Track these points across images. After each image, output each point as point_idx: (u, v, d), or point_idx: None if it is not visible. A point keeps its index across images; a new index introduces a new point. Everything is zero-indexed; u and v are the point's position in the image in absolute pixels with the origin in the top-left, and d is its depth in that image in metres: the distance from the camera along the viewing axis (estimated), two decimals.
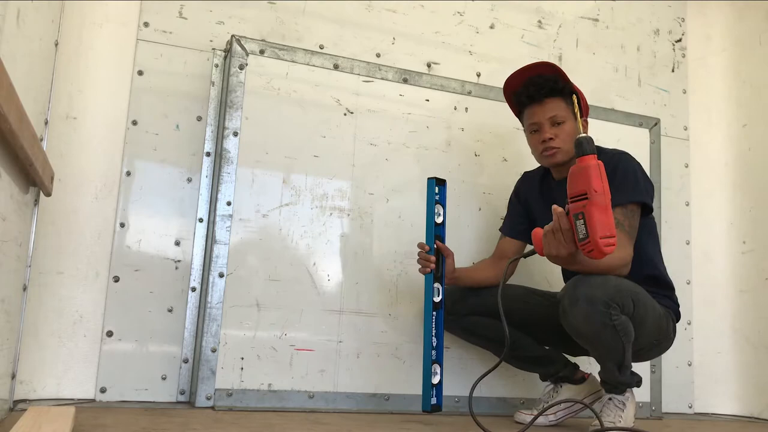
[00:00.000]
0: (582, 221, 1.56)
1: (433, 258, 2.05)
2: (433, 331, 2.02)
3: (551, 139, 2.08)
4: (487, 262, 2.29)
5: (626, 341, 1.86)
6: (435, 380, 2.01)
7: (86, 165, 2.17)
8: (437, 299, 2.05)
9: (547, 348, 2.21)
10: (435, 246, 2.06)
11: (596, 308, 1.79)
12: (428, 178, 2.09)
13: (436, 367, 2.02)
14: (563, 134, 2.08)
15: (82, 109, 2.18)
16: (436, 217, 2.08)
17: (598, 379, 2.02)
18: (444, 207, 2.10)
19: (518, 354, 2.19)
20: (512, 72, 2.17)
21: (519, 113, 2.23)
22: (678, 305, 2.13)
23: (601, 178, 1.56)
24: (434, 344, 2.02)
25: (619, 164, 2.02)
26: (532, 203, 2.26)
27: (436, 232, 2.07)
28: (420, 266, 2.08)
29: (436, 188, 2.08)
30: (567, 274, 2.18)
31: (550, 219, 2.17)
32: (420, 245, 2.08)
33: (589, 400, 2.16)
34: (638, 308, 1.88)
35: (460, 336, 2.26)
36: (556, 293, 2.14)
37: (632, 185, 1.99)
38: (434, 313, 2.03)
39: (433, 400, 2.00)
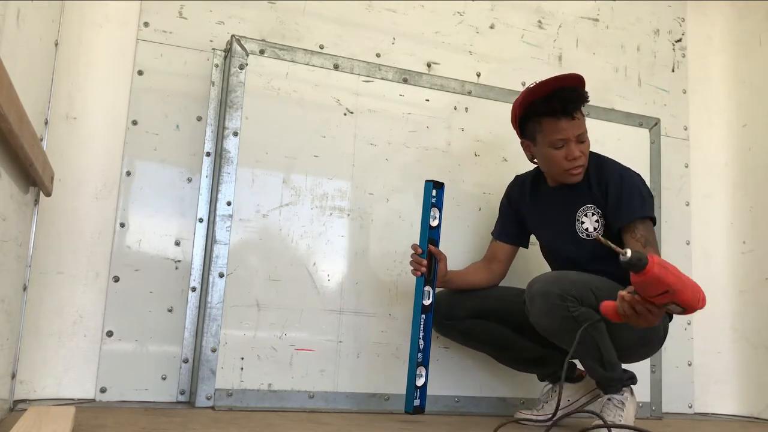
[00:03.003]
0: (676, 305, 1.53)
1: (425, 261, 2.05)
2: (421, 334, 2.02)
3: (580, 157, 2.01)
4: (478, 265, 2.29)
5: (596, 334, 1.86)
6: (419, 382, 2.02)
7: (86, 165, 2.17)
8: (427, 302, 2.05)
9: (544, 348, 2.20)
10: (428, 249, 2.06)
11: (551, 301, 1.83)
12: (426, 181, 2.08)
13: (422, 370, 2.02)
14: (587, 151, 2.04)
15: (82, 109, 2.18)
16: (431, 220, 2.07)
17: None
18: (440, 210, 2.09)
19: (516, 356, 2.20)
20: (542, 80, 2.02)
21: (525, 122, 2.08)
22: None
23: (668, 269, 1.51)
24: (420, 347, 2.02)
25: (624, 183, 2.03)
26: (524, 208, 2.25)
27: (430, 235, 2.07)
28: (412, 268, 2.09)
29: (433, 191, 2.07)
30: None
31: (542, 224, 2.18)
32: (413, 247, 2.09)
33: (587, 398, 2.17)
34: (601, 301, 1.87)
35: (458, 341, 2.26)
36: None
37: (641, 202, 2.02)
38: (423, 316, 2.03)
39: (417, 402, 2.01)
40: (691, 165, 2.99)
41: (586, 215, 2.08)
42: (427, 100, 2.49)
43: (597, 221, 2.06)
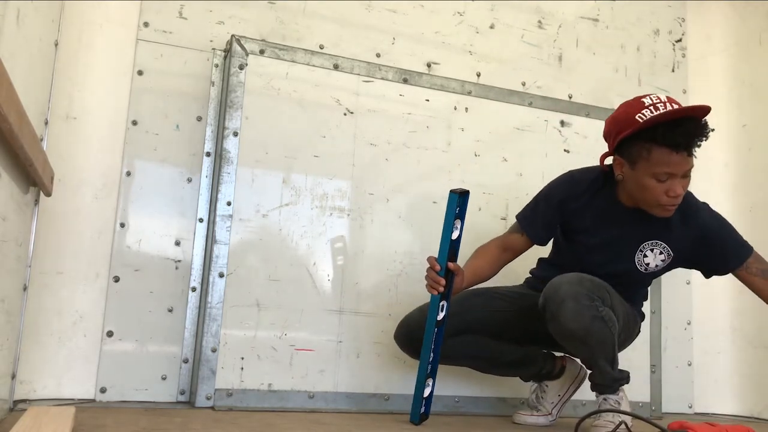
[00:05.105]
0: None
1: (443, 281, 1.88)
2: (432, 347, 1.95)
3: (681, 195, 1.85)
4: (488, 253, 2.11)
5: (615, 332, 1.87)
6: (426, 393, 1.97)
7: (86, 165, 2.17)
8: (440, 317, 1.95)
9: (523, 348, 2.16)
10: (446, 266, 1.91)
11: (582, 303, 1.81)
12: (450, 192, 1.90)
13: (429, 381, 1.98)
14: (687, 186, 1.87)
15: (82, 109, 2.18)
16: (453, 232, 1.90)
17: (576, 362, 2.09)
18: (462, 220, 1.94)
19: (497, 362, 2.15)
20: (670, 105, 1.82)
21: (630, 140, 1.84)
22: (642, 303, 2.16)
23: None
24: (430, 359, 1.96)
25: (724, 230, 2.01)
26: (579, 213, 2.03)
27: (450, 247, 1.90)
28: (427, 283, 1.91)
29: (458, 199, 1.89)
30: (543, 275, 2.11)
31: (597, 239, 2.02)
32: (430, 262, 1.91)
33: (574, 387, 2.19)
34: (613, 300, 1.90)
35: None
36: (514, 288, 2.16)
37: (740, 239, 2.03)
38: (435, 329, 1.94)
39: (422, 409, 1.97)
40: None
41: (651, 250, 1.98)
42: (427, 100, 2.49)
43: (662, 261, 2.00)
